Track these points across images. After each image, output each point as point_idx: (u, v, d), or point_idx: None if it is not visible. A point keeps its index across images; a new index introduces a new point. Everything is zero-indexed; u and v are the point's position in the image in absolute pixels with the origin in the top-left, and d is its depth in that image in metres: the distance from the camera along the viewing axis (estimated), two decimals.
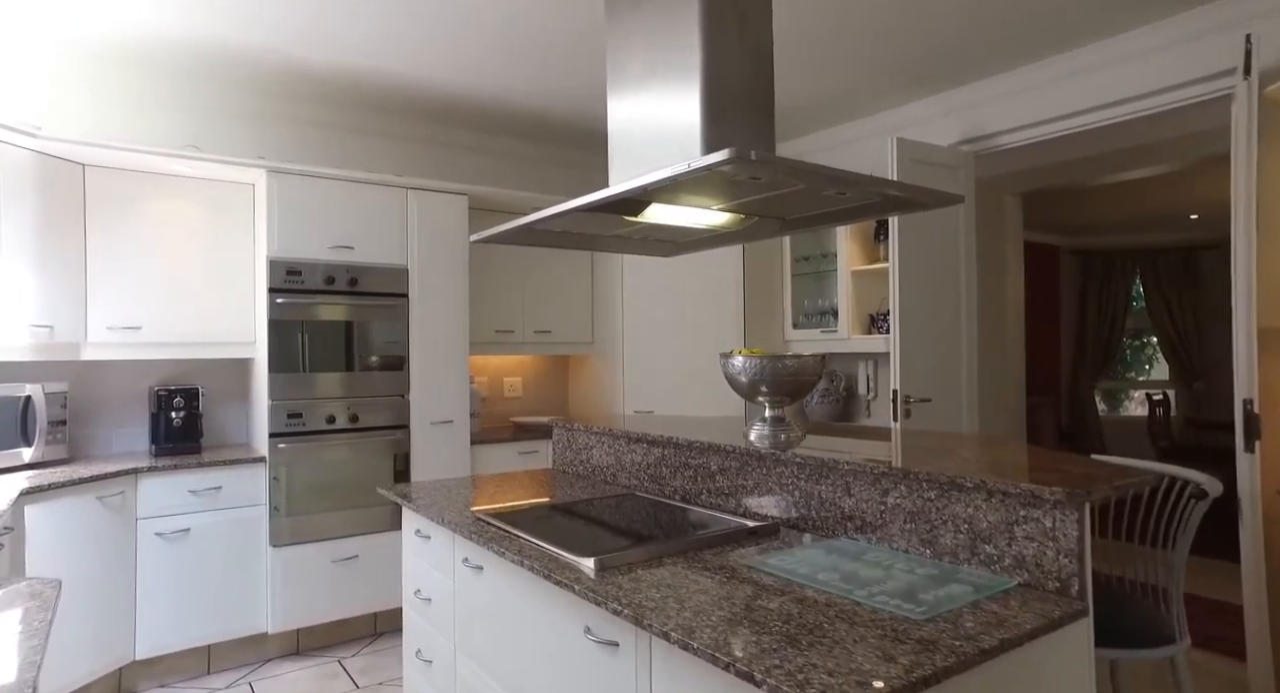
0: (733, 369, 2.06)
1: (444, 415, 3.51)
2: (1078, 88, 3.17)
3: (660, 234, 2.18)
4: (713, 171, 1.39)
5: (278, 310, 3.09)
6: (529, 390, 4.43)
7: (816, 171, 1.35)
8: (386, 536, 3.32)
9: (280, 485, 3.08)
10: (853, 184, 1.43)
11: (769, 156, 1.27)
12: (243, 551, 3.03)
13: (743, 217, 1.91)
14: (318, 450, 3.16)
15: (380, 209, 3.35)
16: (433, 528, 2.07)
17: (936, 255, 3.54)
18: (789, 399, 2.05)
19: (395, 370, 3.36)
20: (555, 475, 2.53)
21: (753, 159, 1.25)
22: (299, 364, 3.13)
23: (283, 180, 3.13)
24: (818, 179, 1.40)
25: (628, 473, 2.29)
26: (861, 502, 1.54)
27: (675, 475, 2.09)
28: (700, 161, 1.28)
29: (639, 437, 2.23)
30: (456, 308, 3.57)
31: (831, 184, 1.45)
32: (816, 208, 1.84)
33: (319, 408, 3.17)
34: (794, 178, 1.39)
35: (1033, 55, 3.19)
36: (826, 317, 4.08)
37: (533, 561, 1.49)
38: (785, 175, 1.37)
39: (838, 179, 1.40)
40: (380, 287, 3.34)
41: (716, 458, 1.94)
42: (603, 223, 2.00)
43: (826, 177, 1.38)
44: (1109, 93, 3.07)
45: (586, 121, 3.91)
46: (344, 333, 3.24)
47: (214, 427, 3.43)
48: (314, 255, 3.19)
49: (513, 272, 4.05)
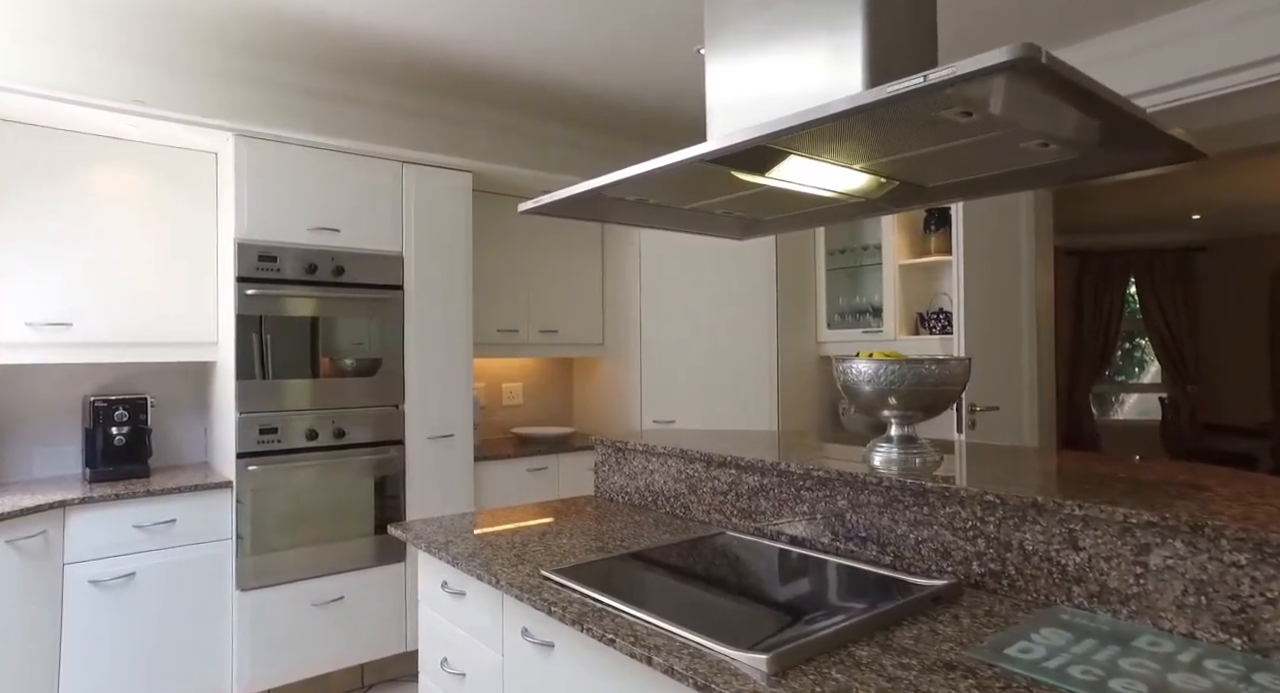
0: (855, 376, 1.63)
1: (444, 428, 3.00)
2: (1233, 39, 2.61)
3: (755, 207, 1.75)
4: (897, 107, 0.98)
5: (247, 304, 2.55)
6: (530, 398, 3.95)
7: (1112, 101, 0.93)
8: (377, 572, 2.80)
9: (249, 516, 2.54)
10: (1130, 124, 1.01)
11: (1066, 67, 0.84)
12: (202, 597, 2.48)
13: (882, 181, 1.49)
14: (295, 473, 2.63)
15: (371, 186, 2.84)
16: (470, 583, 1.59)
17: (998, 249, 3.19)
18: (923, 414, 1.63)
19: (388, 376, 2.85)
20: (603, 506, 2.07)
21: (1044, 63, 0.82)
22: (273, 369, 2.59)
23: (254, 147, 2.59)
24: (1107, 113, 0.98)
25: (706, 505, 1.84)
26: (1099, 560, 1.13)
27: (779, 511, 1.66)
28: (968, 66, 0.85)
29: (725, 460, 1.78)
30: (459, 303, 3.07)
31: (1114, 124, 1.03)
32: (979, 170, 1.43)
33: (297, 421, 2.64)
34: (1079, 105, 0.97)
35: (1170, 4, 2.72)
36: (864, 315, 3.70)
37: (653, 652, 1.03)
38: (1072, 100, 0.94)
39: (1122, 118, 0.98)
40: (371, 277, 2.82)
41: (847, 491, 1.51)
42: (697, 187, 1.56)
43: (1125, 112, 0.96)
44: None
45: (602, 94, 3.45)
46: (327, 332, 2.71)
47: (166, 445, 2.86)
48: (292, 239, 2.66)
49: (516, 264, 3.56)
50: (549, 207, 1.62)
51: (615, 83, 3.32)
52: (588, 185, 1.50)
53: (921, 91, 0.95)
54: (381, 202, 2.86)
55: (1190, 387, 7.71)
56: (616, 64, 3.11)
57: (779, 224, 1.97)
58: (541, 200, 1.61)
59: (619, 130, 3.99)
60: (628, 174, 1.38)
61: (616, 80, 3.29)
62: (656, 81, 3.30)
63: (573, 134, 3.98)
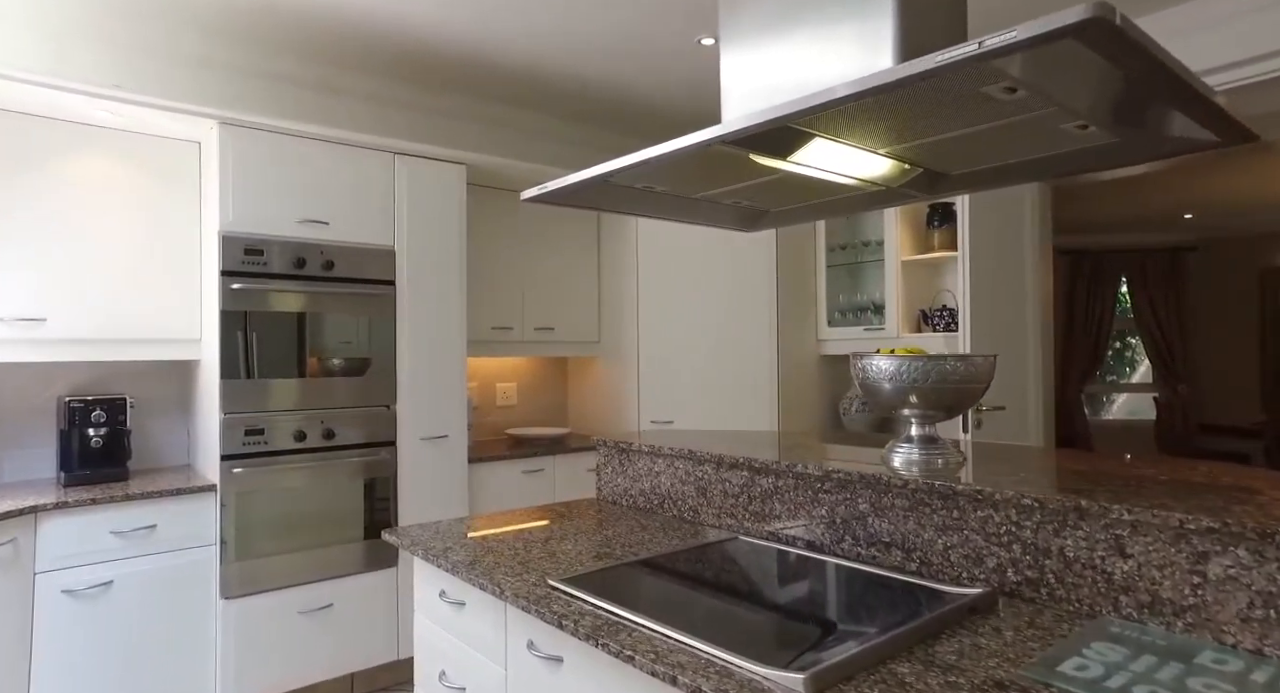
0: (875, 373, 1.56)
1: (437, 429, 2.90)
2: None
3: (765, 197, 1.67)
4: (939, 81, 0.90)
5: (232, 299, 2.44)
6: (524, 397, 3.85)
7: (1178, 72, 0.86)
8: (368, 578, 2.70)
9: (234, 520, 2.43)
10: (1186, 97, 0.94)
11: (1137, 30, 0.77)
12: (184, 606, 2.37)
13: (905, 167, 1.42)
14: (282, 475, 2.52)
15: (362, 178, 2.74)
16: (471, 592, 1.50)
17: (1003, 246, 3.13)
18: (945, 414, 1.56)
19: (379, 375, 2.75)
20: (607, 509, 1.98)
21: (1118, 26, 0.75)
22: (259, 367, 2.49)
23: (239, 136, 2.48)
24: (1168, 87, 0.91)
25: (716, 508, 1.76)
26: (1150, 568, 1.06)
27: (795, 514, 1.58)
28: (1034, 28, 0.77)
29: (737, 461, 1.70)
30: (453, 300, 2.97)
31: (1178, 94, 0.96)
32: (1009, 155, 1.36)
33: (285, 422, 2.53)
34: (1141, 76, 0.89)
35: None
36: (865, 313, 3.63)
37: (677, 670, 0.95)
38: (1136, 70, 0.87)
39: (1184, 89, 0.91)
40: (361, 272, 2.72)
41: (869, 493, 1.43)
42: (709, 174, 1.48)
43: (1188, 84, 0.89)
44: None
45: (600, 87, 3.37)
46: (316, 329, 2.61)
47: (146, 447, 2.74)
48: (279, 232, 2.55)
49: (511, 260, 3.47)
50: (553, 194, 1.54)
51: (613, 75, 3.24)
52: (596, 171, 1.41)
53: (972, 61, 0.87)
54: (372, 194, 2.76)
55: (1181, 386, 7.73)
56: (614, 56, 3.03)
57: (787, 216, 1.90)
58: (546, 187, 1.52)
59: (616, 124, 3.90)
60: (640, 158, 1.29)
61: (614, 73, 3.20)
62: (655, 74, 3.22)
63: (568, 129, 3.89)
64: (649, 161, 1.30)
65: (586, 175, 1.43)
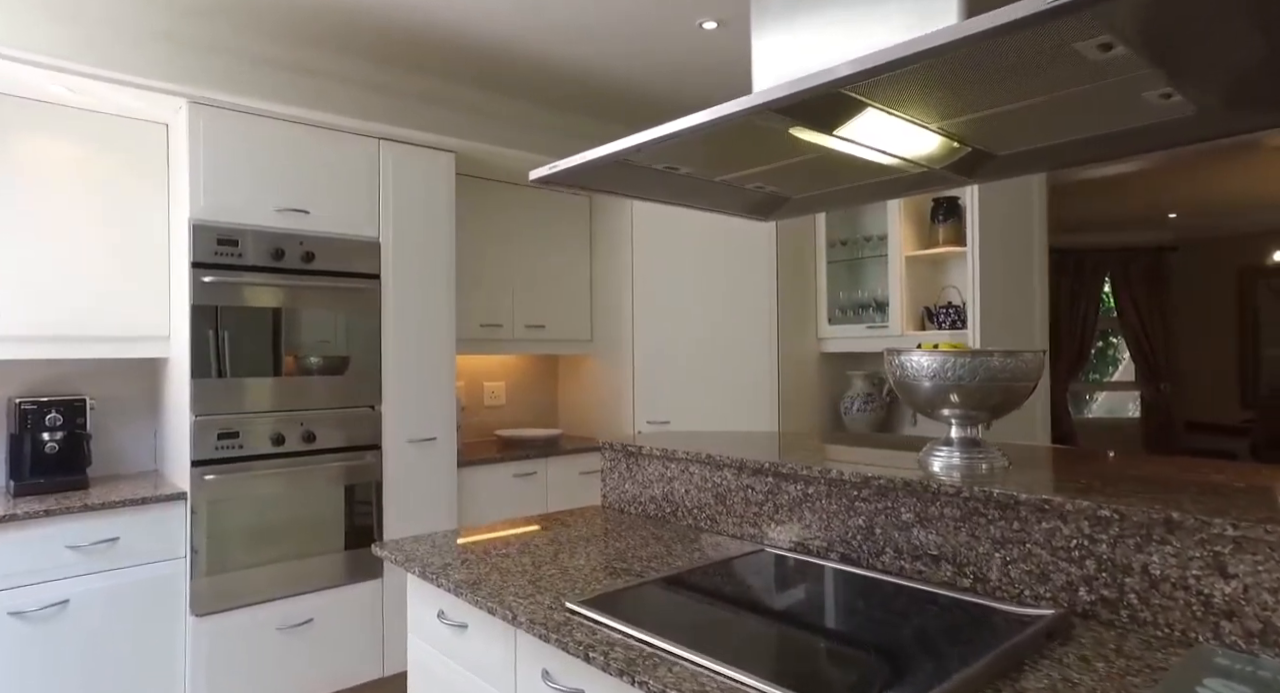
0: (914, 371, 1.44)
1: (425, 431, 2.74)
2: None
3: (791, 180, 1.54)
4: (1028, 36, 0.78)
5: (204, 293, 2.26)
6: (512, 398, 3.69)
7: None
8: (351, 591, 2.53)
9: (205, 531, 2.25)
10: None
11: None
12: (150, 625, 2.18)
13: (955, 145, 1.29)
14: (259, 482, 2.34)
15: (344, 165, 2.56)
16: (474, 614, 1.35)
17: (1012, 241, 3.05)
18: (989, 415, 1.44)
19: (363, 374, 2.58)
20: (614, 518, 1.84)
21: None
22: (233, 366, 2.31)
23: (211, 117, 2.30)
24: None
25: (737, 517, 1.63)
26: (1260, 592, 0.94)
27: (828, 524, 1.45)
28: None
29: (762, 467, 1.57)
30: (441, 294, 2.81)
31: None
32: (1072, 131, 1.24)
33: (261, 425, 2.35)
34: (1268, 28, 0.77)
35: None
36: (866, 310, 3.53)
37: None
38: None
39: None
40: (344, 264, 2.55)
41: (913, 502, 1.31)
42: (740, 152, 1.35)
43: None
44: None
45: (595, 73, 3.22)
46: (295, 325, 2.43)
47: (107, 452, 2.54)
48: (255, 220, 2.37)
49: (500, 254, 3.31)
50: (564, 174, 1.39)
51: (607, 60, 3.09)
52: (616, 146, 1.27)
53: (1079, 4, 0.75)
54: (356, 182, 2.59)
55: (1163, 385, 7.78)
56: (610, 39, 2.88)
57: (808, 202, 1.77)
58: (557, 166, 1.38)
59: (607, 113, 3.76)
60: (673, 129, 1.16)
61: (608, 57, 3.06)
62: (650, 58, 3.08)
63: (559, 117, 3.73)
64: (680, 133, 1.16)
65: (605, 151, 1.28)
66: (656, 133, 1.17)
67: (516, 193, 3.36)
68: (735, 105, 1.06)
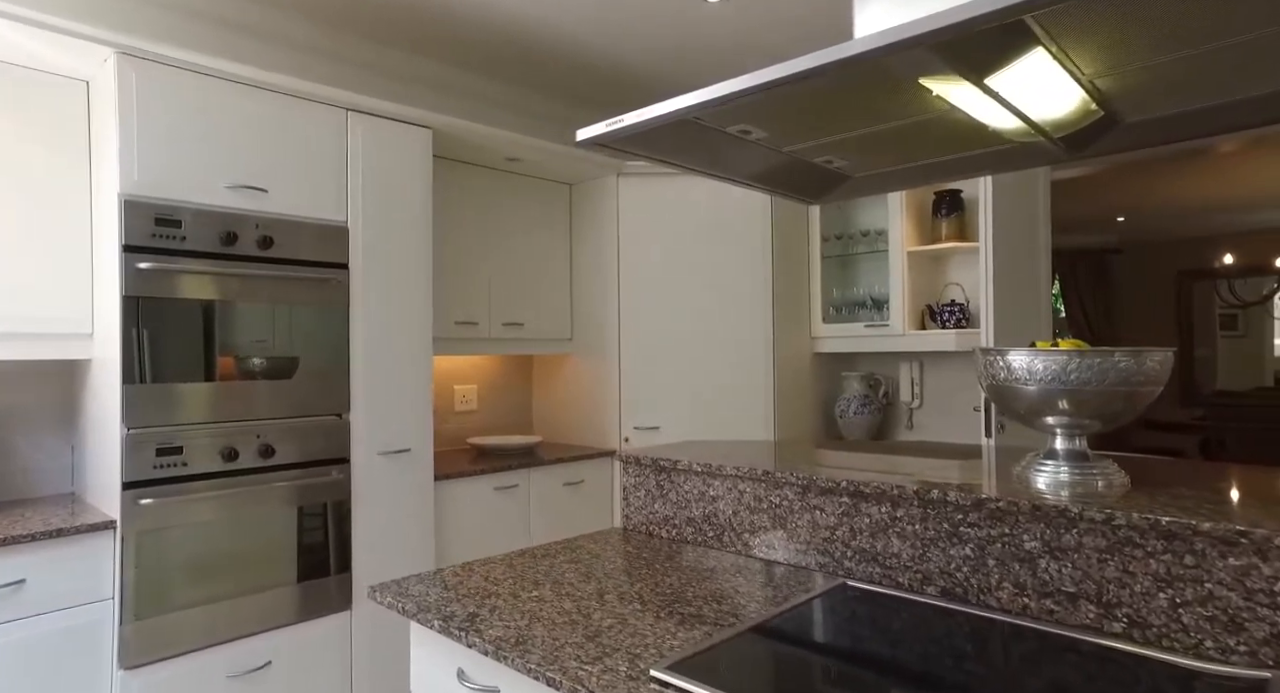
0: (1019, 373, 1.25)
1: (399, 442, 2.42)
2: None
3: (868, 153, 1.33)
4: None
5: (139, 282, 1.90)
6: (484, 402, 3.39)
7: None
8: (316, 626, 2.20)
9: (138, 567, 1.89)
10: None
11: None
12: (66, 684, 1.81)
13: (1092, 107, 1.10)
14: (207, 505, 1.99)
15: (308, 138, 2.22)
16: (514, 679, 1.08)
17: (1018, 238, 2.94)
18: (1101, 425, 1.26)
19: (329, 378, 2.24)
20: (644, 544, 1.59)
21: None
22: (176, 369, 1.95)
23: (145, 72, 1.94)
24: None
25: (802, 543, 1.41)
26: None
27: (924, 554, 1.24)
28: None
29: (834, 486, 1.35)
30: (417, 287, 2.49)
31: None
32: (1236, 89, 1.07)
33: (210, 438, 2.00)
34: None
35: None
36: (863, 308, 3.38)
37: None
38: None
39: None
40: (308, 252, 2.21)
41: (1040, 528, 1.11)
42: (832, 113, 1.13)
43: None
44: None
45: (589, 54, 2.95)
46: (251, 320, 2.08)
47: (10, 474, 2.13)
48: (202, 198, 2.02)
49: (476, 244, 3.00)
50: (623, 132, 1.14)
51: (605, 39, 2.83)
52: (704, 95, 1.02)
53: None
54: (321, 158, 2.25)
55: None
56: (608, 13, 2.62)
57: (870, 182, 1.57)
58: (621, 120, 1.12)
59: (603, 98, 3.49)
60: (788, 72, 0.92)
61: (607, 36, 2.79)
62: (654, 37, 2.84)
63: (546, 103, 3.45)
64: (797, 75, 0.93)
65: (688, 102, 1.04)
66: (769, 75, 0.93)
67: (493, 179, 3.06)
68: (885, 38, 0.84)
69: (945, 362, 3.29)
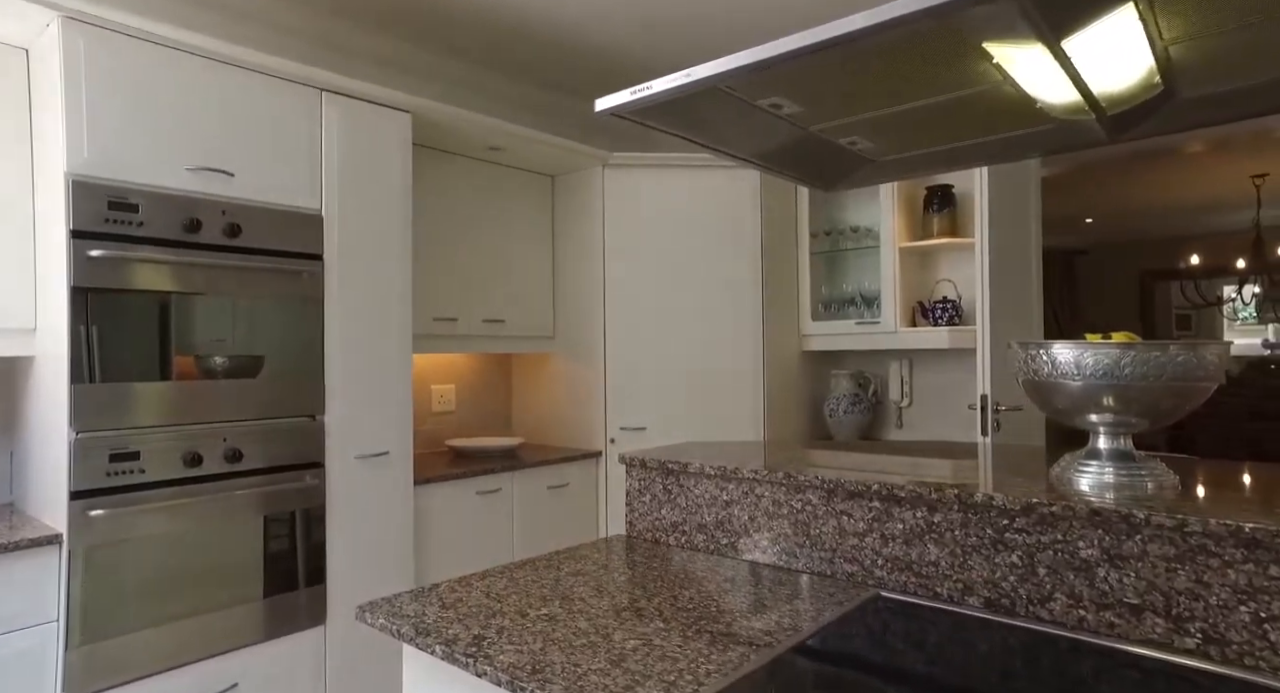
0: (1056, 369, 1.17)
1: (377, 445, 2.27)
2: None
3: (897, 133, 1.25)
4: None
5: (90, 271, 1.72)
6: (463, 402, 3.24)
7: None
8: (286, 644, 2.04)
9: (88, 586, 1.71)
10: None
11: None
12: None
13: (1155, 80, 1.03)
14: (168, 515, 1.82)
15: (279, 119, 2.06)
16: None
17: (1012, 234, 2.90)
18: (1148, 423, 1.19)
19: (302, 376, 2.09)
20: (653, 553, 1.48)
21: None
22: (132, 366, 1.78)
23: (95, 40, 1.76)
24: None
25: (827, 551, 1.31)
26: None
27: (965, 562, 1.16)
28: None
29: (863, 489, 1.26)
30: (396, 280, 2.34)
31: None
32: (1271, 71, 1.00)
33: (171, 442, 1.83)
34: None
35: None
36: (853, 305, 3.32)
37: None
38: None
39: None
40: (279, 242, 2.05)
41: (1098, 535, 1.03)
42: (869, 84, 1.03)
43: None
44: None
45: (575, 39, 2.82)
46: (216, 314, 1.92)
47: None
48: (161, 180, 1.84)
49: (456, 237, 2.86)
50: (652, 98, 1.03)
51: (595, 23, 2.71)
52: (743, 58, 0.92)
53: None
54: (293, 141, 2.09)
55: None
56: None
57: (891, 168, 1.48)
58: (646, 89, 1.01)
59: (589, 91, 3.37)
60: (839, 32, 0.82)
61: (597, 22, 2.67)
62: (647, 24, 2.73)
63: (535, 94, 3.31)
64: (848, 35, 0.83)
65: (729, 66, 0.93)
66: (825, 33, 0.83)
67: (474, 169, 2.92)
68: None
69: (934, 360, 3.25)
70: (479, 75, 3.17)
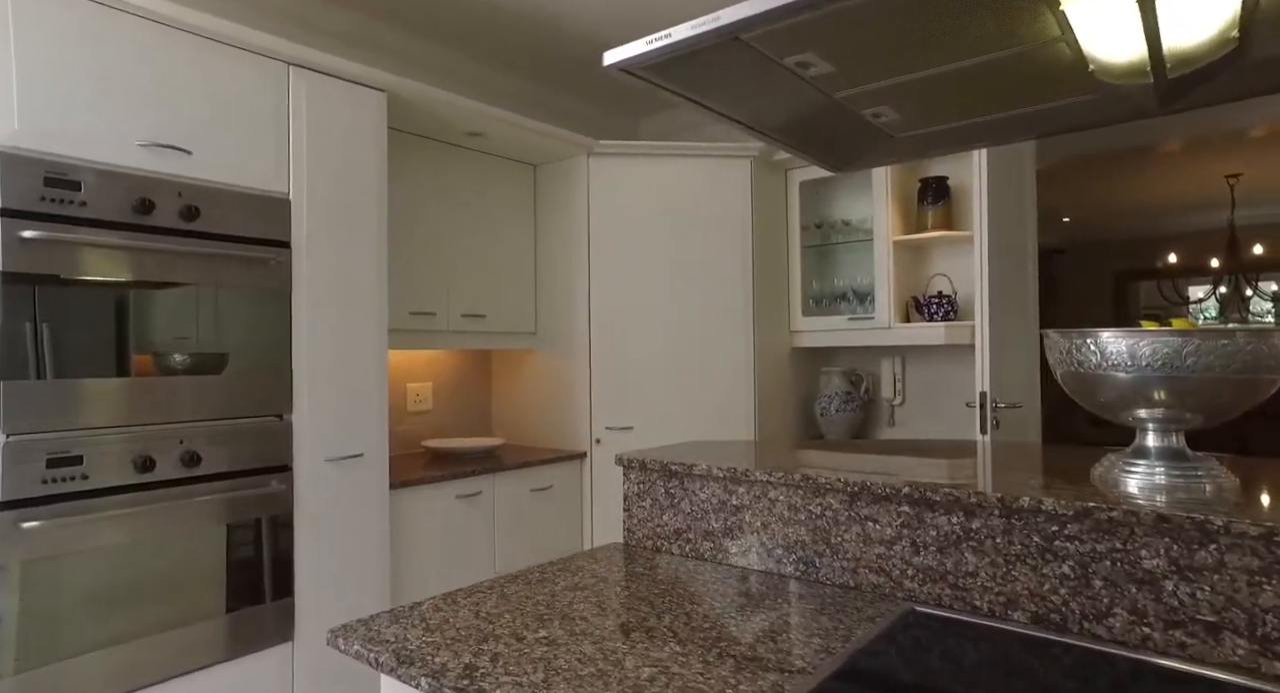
0: (1105, 359, 1.07)
1: (350, 446, 2.11)
2: None
3: (927, 103, 1.14)
4: None
5: (24, 255, 1.54)
6: (440, 401, 3.08)
7: None
8: (250, 664, 1.87)
9: (19, 609, 1.54)
10: None
11: None
12: None
13: (1233, 35, 0.93)
14: (115, 526, 1.65)
15: (242, 93, 1.90)
16: None
17: (1009, 228, 2.83)
18: (1203, 419, 1.10)
19: (267, 372, 1.92)
20: (657, 564, 1.35)
21: None
22: (73, 362, 1.60)
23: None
24: None
25: (850, 561, 1.20)
26: None
27: (1008, 574, 1.05)
28: None
29: (891, 493, 1.14)
30: (369, 270, 2.19)
31: None
32: None
33: (119, 445, 1.66)
34: None
35: None
36: (845, 300, 3.22)
37: None
38: None
39: None
40: (241, 226, 1.88)
41: (1164, 544, 0.93)
42: (913, 42, 0.92)
43: None
44: None
45: (558, 22, 2.68)
46: (171, 305, 1.75)
47: None
48: (108, 156, 1.67)
49: (432, 227, 2.71)
50: (670, 49, 0.90)
51: (577, 9, 2.57)
52: (767, 3, 0.80)
53: None
54: (258, 118, 1.93)
55: (1056, 379, 8.18)
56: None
57: (913, 144, 1.38)
58: (665, 37, 0.88)
59: (573, 81, 3.23)
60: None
61: (586, 11, 2.54)
62: (637, 14, 2.60)
63: (517, 81, 3.16)
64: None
65: (755, 9, 0.81)
66: None
67: (452, 156, 2.77)
68: None
69: (928, 357, 3.17)
70: (457, 60, 3.01)
